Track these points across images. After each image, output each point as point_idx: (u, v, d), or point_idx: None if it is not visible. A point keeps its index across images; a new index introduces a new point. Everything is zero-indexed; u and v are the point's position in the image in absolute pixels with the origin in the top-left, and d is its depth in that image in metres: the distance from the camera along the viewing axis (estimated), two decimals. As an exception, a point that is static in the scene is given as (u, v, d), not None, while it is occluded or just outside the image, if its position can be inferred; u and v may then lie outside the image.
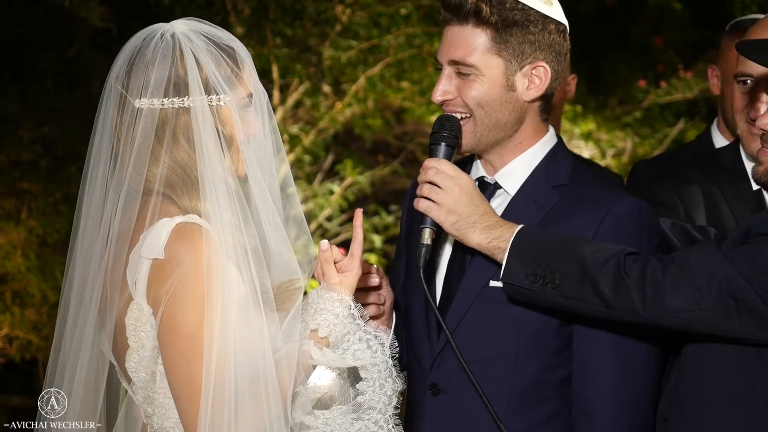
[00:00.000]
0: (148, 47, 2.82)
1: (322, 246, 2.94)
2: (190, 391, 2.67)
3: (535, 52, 3.17)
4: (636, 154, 9.00)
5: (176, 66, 2.80)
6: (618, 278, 2.94)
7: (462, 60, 3.17)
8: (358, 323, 2.90)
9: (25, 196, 7.88)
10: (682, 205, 3.88)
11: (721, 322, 2.91)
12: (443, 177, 3.10)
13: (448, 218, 3.09)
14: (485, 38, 3.15)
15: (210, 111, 2.80)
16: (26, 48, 7.92)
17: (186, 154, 2.80)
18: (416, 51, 8.49)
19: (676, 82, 9.05)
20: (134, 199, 2.81)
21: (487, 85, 3.17)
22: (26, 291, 7.82)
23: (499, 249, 3.05)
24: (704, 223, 3.80)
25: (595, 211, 3.15)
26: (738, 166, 3.89)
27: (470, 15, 3.15)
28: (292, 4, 8.46)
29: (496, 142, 3.24)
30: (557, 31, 3.20)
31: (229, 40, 2.87)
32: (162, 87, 2.79)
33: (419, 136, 9.21)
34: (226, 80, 2.82)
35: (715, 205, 3.85)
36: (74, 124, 7.66)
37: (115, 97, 2.84)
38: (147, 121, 2.79)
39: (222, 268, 2.70)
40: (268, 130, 2.88)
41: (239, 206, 2.77)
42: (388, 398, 2.88)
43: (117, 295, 2.77)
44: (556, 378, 3.17)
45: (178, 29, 2.85)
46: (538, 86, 3.20)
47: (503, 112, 3.19)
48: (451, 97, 3.20)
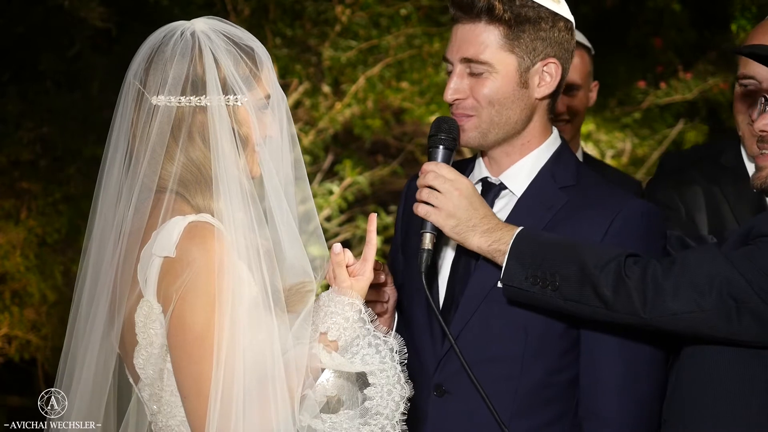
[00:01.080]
0: (168, 45, 2.81)
1: (335, 249, 2.93)
2: (198, 390, 2.66)
3: (546, 48, 3.18)
4: (635, 155, 9.01)
5: (195, 64, 2.79)
6: (618, 280, 2.94)
7: (475, 57, 3.16)
8: (368, 328, 2.88)
9: (24, 196, 7.88)
10: (684, 206, 3.88)
11: (722, 323, 2.92)
12: (442, 181, 3.10)
13: (448, 222, 3.09)
14: (498, 35, 3.15)
15: (227, 111, 2.79)
16: (26, 48, 7.91)
17: (201, 153, 2.80)
18: (416, 51, 8.49)
19: (675, 83, 9.05)
20: (147, 197, 2.80)
21: (500, 82, 3.16)
22: (25, 291, 7.82)
23: (499, 252, 3.06)
24: (705, 223, 3.81)
25: (604, 213, 3.15)
26: (740, 167, 3.89)
27: (483, 12, 3.14)
28: (291, 4, 8.46)
29: (503, 140, 3.23)
30: (566, 28, 3.21)
31: (249, 41, 2.86)
32: (180, 85, 2.78)
33: (419, 136, 9.21)
34: (245, 80, 2.81)
35: (716, 205, 3.85)
36: (74, 124, 7.67)
37: (133, 93, 2.83)
38: (163, 119, 2.78)
39: (233, 268, 2.69)
40: (286, 132, 2.87)
41: (253, 207, 2.77)
42: (396, 404, 2.86)
43: (127, 291, 2.77)
44: (563, 379, 3.18)
45: (198, 28, 2.84)
46: (549, 83, 3.21)
47: (514, 110, 3.19)
48: (463, 96, 3.20)
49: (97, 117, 7.26)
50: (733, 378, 3.03)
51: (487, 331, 3.17)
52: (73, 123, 7.67)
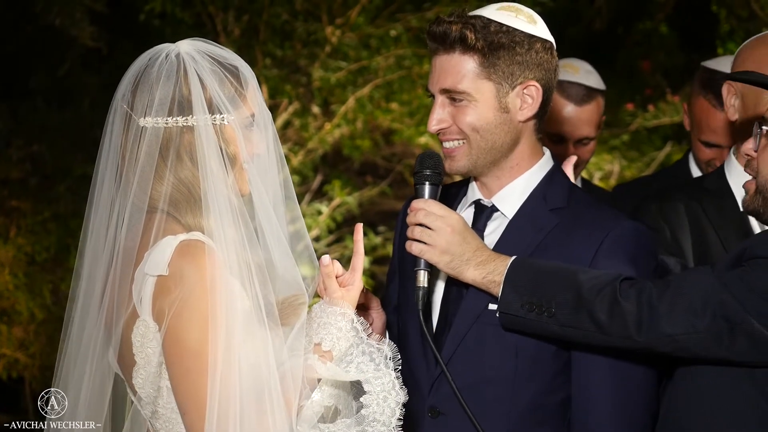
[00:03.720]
0: (153, 67, 2.84)
1: (324, 261, 2.97)
2: (195, 405, 2.68)
3: (524, 72, 3.19)
4: (623, 177, 9.03)
5: (180, 85, 2.82)
6: (613, 304, 2.96)
7: (453, 87, 3.18)
8: (361, 336, 2.92)
9: (13, 214, 7.86)
10: (668, 227, 3.91)
11: (716, 344, 2.93)
12: (434, 218, 3.11)
13: (443, 258, 3.11)
14: (473, 64, 3.17)
15: (214, 130, 2.82)
16: (16, 66, 7.92)
17: (190, 172, 2.82)
18: (405, 72, 8.51)
19: (663, 106, 9.07)
20: (139, 217, 2.82)
21: (481, 110, 3.18)
22: (14, 309, 7.79)
23: (494, 283, 3.08)
24: (690, 243, 3.84)
25: (594, 234, 3.16)
26: (724, 189, 3.92)
27: (456, 43, 3.17)
28: (282, 25, 8.47)
29: (492, 164, 3.24)
30: (544, 49, 3.22)
31: (233, 60, 2.90)
32: (166, 106, 2.81)
33: (408, 157, 9.22)
34: (230, 99, 2.84)
35: (699, 225, 3.87)
36: (64, 142, 7.66)
37: (121, 115, 2.86)
38: (151, 140, 2.81)
39: (226, 284, 2.71)
40: (272, 149, 2.90)
41: (243, 224, 2.79)
42: (392, 410, 2.90)
43: (123, 312, 2.79)
44: (556, 400, 3.19)
45: (182, 49, 2.87)
46: (531, 105, 3.22)
47: (499, 134, 3.20)
48: (446, 125, 3.22)
49: (87, 135, 7.25)
50: (726, 399, 3.05)
51: (479, 352, 3.19)
52: (64, 141, 7.66)
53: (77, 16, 7.48)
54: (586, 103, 4.74)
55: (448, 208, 3.14)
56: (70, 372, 2.87)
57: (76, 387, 2.85)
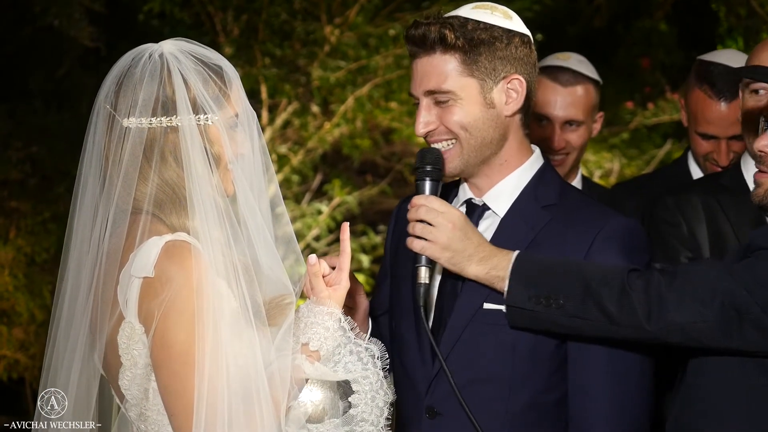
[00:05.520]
0: (137, 67, 2.84)
1: (311, 260, 2.97)
2: (183, 407, 2.68)
3: (506, 66, 3.20)
4: (623, 175, 9.02)
5: (164, 85, 2.81)
6: (622, 294, 2.96)
7: (437, 88, 3.19)
8: (349, 336, 2.92)
9: (13, 215, 7.86)
10: (685, 222, 3.95)
11: (724, 333, 2.94)
12: (435, 215, 3.11)
13: (444, 254, 3.10)
14: (455, 62, 3.18)
15: (198, 130, 2.81)
16: (15, 67, 7.92)
17: (174, 173, 2.81)
18: (404, 71, 8.49)
19: (663, 104, 9.07)
20: (123, 219, 2.82)
21: (467, 108, 3.19)
22: (14, 310, 7.79)
23: (498, 278, 3.07)
24: (706, 237, 3.87)
25: (586, 231, 3.17)
26: (740, 184, 3.95)
27: (436, 43, 3.18)
28: (281, 24, 8.47)
29: (482, 162, 3.25)
30: (523, 43, 3.23)
31: (217, 60, 2.89)
32: (150, 106, 2.80)
33: (407, 156, 9.22)
34: (214, 99, 2.84)
35: (716, 221, 3.90)
36: (63, 143, 7.66)
37: (104, 116, 2.86)
38: (135, 140, 2.81)
39: (212, 285, 2.71)
40: (257, 149, 2.89)
41: (228, 224, 2.79)
42: (380, 410, 2.91)
43: (108, 314, 2.78)
44: (552, 399, 3.19)
45: (166, 49, 2.87)
46: (516, 99, 3.22)
47: (487, 130, 3.21)
48: (433, 127, 3.22)
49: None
50: (741, 391, 3.06)
51: (475, 351, 3.19)
52: (62, 142, 7.66)
53: (76, 17, 7.47)
54: (572, 85, 4.74)
55: (448, 204, 3.15)
56: (57, 373, 2.86)
57: (63, 388, 2.85)
